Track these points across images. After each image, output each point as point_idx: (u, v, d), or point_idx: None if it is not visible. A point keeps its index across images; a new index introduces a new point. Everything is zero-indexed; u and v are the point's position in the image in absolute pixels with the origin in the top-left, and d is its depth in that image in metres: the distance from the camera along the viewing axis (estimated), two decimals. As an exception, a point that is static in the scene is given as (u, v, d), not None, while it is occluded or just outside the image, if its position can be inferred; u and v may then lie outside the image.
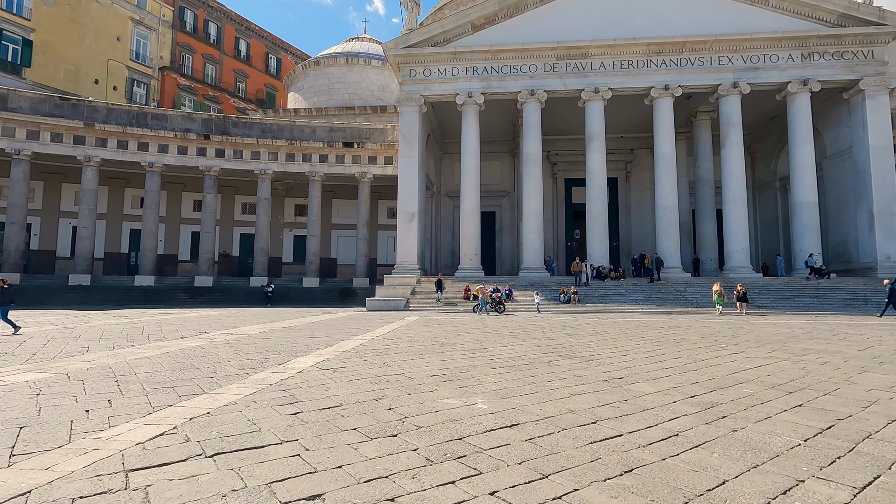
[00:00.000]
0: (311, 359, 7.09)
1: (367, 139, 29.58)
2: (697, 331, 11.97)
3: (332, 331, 11.48)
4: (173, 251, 32.52)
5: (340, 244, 35.21)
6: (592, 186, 24.89)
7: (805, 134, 23.69)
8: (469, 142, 25.92)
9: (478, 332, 11.52)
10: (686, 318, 16.30)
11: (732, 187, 23.85)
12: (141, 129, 26.89)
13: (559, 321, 15.11)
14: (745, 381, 5.73)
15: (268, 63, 52.98)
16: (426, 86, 26.13)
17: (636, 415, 4.11)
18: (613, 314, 18.49)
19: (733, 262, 23.25)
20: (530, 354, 7.74)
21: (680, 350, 8.44)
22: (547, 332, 11.36)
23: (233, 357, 7.22)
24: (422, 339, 9.88)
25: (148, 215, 27.36)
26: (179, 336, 9.95)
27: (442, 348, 8.39)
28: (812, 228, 23.00)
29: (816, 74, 23.58)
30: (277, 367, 6.41)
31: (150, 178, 27.33)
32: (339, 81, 37.06)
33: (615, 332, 11.38)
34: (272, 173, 29.07)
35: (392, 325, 13.20)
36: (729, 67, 24.18)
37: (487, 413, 4.14)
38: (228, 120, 28.68)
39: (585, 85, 25.01)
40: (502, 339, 9.82)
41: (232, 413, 4.05)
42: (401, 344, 8.94)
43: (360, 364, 6.67)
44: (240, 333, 10.63)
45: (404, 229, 25.39)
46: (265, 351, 7.86)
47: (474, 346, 8.79)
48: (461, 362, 6.90)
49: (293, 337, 9.99)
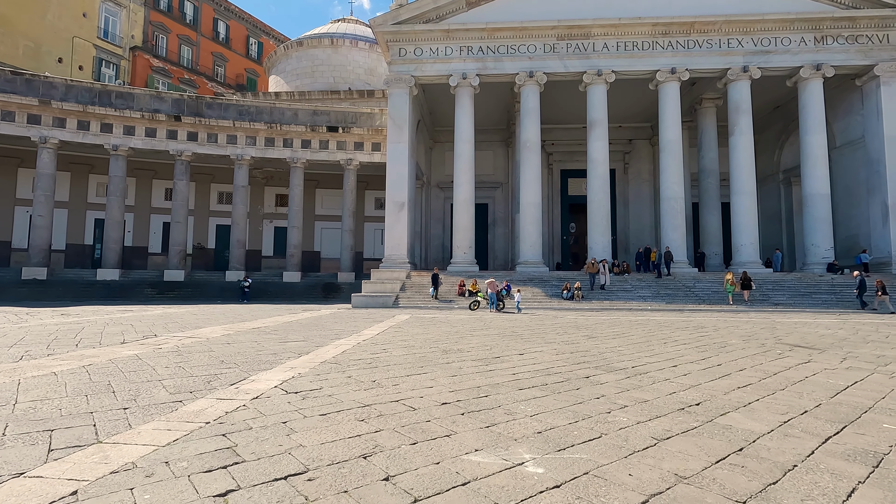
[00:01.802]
0: (277, 375, 5.36)
1: (354, 123, 27.68)
2: (730, 331, 10.53)
3: (310, 333, 9.74)
4: (143, 243, 30.26)
5: (324, 237, 33.29)
6: (594, 176, 23.41)
7: (817, 122, 22.51)
8: (463, 126, 24.22)
9: (482, 333, 9.90)
10: (706, 317, 14.91)
11: (741, 177, 22.60)
12: (104, 109, 24.57)
13: (568, 320, 13.58)
14: (865, 407, 4.19)
15: (248, 47, 50.41)
16: (417, 66, 24.33)
17: (784, 483, 2.52)
18: (622, 312, 17.05)
19: (742, 256, 22.02)
20: (559, 366, 6.13)
21: (734, 358, 6.91)
22: (562, 334, 9.79)
23: (172, 373, 5.46)
24: (418, 343, 8.21)
25: (112, 203, 25.10)
26: (119, 341, 8.12)
27: (445, 357, 6.74)
28: (824, 221, 21.88)
29: (830, 59, 22.40)
30: (227, 389, 4.68)
31: (114, 162, 25.04)
32: (324, 64, 34.95)
33: (640, 334, 9.86)
34: (250, 159, 26.99)
35: (381, 326, 11.50)
36: (739, 50, 22.87)
37: (548, 486, 2.50)
38: (202, 101, 26.50)
39: (588, 67, 23.48)
40: (515, 344, 8.20)
41: (111, 496, 2.33)
42: (394, 351, 7.26)
43: (341, 383, 4.98)
44: (197, 337, 8.83)
45: (393, 220, 23.63)
46: (219, 363, 6.11)
47: (484, 352, 7.16)
48: (476, 379, 5.25)
49: (262, 341, 8.23)
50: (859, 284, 16.88)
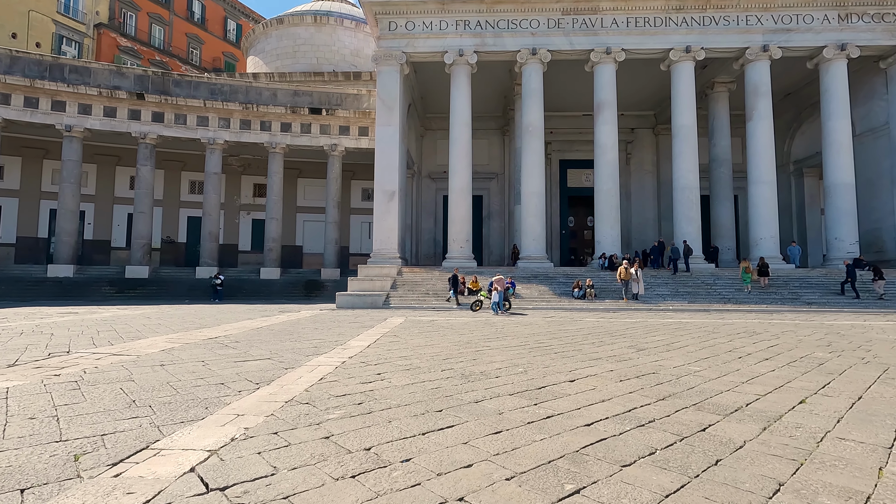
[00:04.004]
0: (207, 434, 3.21)
1: (339, 105, 25.34)
2: (798, 340, 8.65)
3: (281, 345, 7.57)
4: (105, 236, 27.52)
5: (307, 230, 30.91)
6: (602, 163, 21.52)
7: (841, 106, 20.95)
8: (459, 108, 22.11)
9: (499, 343, 7.84)
10: (743, 319, 13.07)
11: (760, 166, 20.93)
12: (55, 84, 21.81)
13: (591, 324, 11.60)
14: None
15: (226, 28, 47.42)
16: (409, 42, 22.11)
17: None
18: (642, 312, 15.17)
19: (762, 250, 20.34)
20: (641, 404, 4.05)
21: (862, 383, 4.94)
22: (599, 345, 7.76)
23: (35, 430, 3.27)
24: (425, 362, 6.10)
25: (66, 191, 22.38)
26: (7, 363, 5.85)
27: (468, 387, 4.64)
28: (849, 213, 20.35)
29: (854, 38, 20.83)
30: (99, 478, 2.51)
31: (67, 144, 22.31)
32: (307, 44, 32.42)
33: (694, 344, 7.89)
34: (223, 143, 24.47)
35: (372, 333, 9.37)
36: (758, 28, 21.15)
37: None
38: (168, 77, 23.85)
39: (595, 44, 21.54)
40: (551, 361, 6.13)
41: None
42: (393, 377, 5.14)
43: (311, 457, 2.83)
44: (125, 354, 6.58)
45: (382, 210, 21.43)
46: (125, 407, 3.91)
47: (519, 377, 5.07)
48: (533, 436, 3.15)
49: (212, 361, 6.05)
50: (848, 271, 16.83)
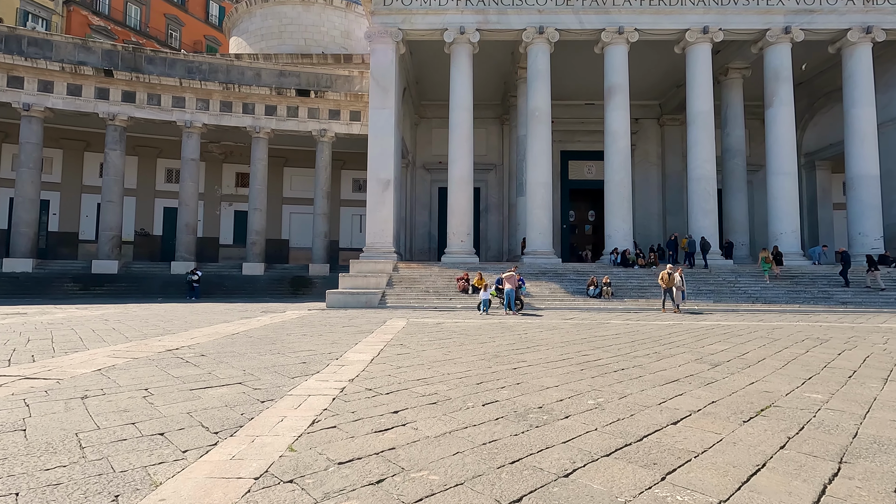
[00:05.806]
0: None
1: (329, 87, 23.47)
2: (871, 343, 7.23)
3: (259, 360, 5.87)
4: (72, 228, 25.30)
5: (294, 223, 29.01)
6: (613, 150, 20.06)
7: (866, 93, 19.74)
8: (460, 92, 20.45)
9: (535, 357, 6.21)
10: (785, 321, 11.67)
11: (781, 155, 19.66)
12: (12, 58, 19.59)
13: (624, 328, 10.08)
14: None
15: (208, 10, 44.93)
16: (405, 17, 20.35)
17: None
18: (669, 314, 13.73)
19: (782, 246, 19.08)
20: (817, 465, 2.44)
21: None
22: (657, 358, 6.17)
23: None
24: (455, 392, 4.43)
25: (23, 177, 20.20)
26: None
27: (536, 439, 2.98)
28: (874, 207, 19.19)
29: (880, 21, 19.63)
30: None
31: (26, 125, 20.12)
32: (293, 24, 30.38)
33: (766, 356, 6.37)
34: (201, 126, 22.44)
35: (373, 342, 7.70)
36: (779, 9, 19.82)
37: None
38: (141, 53, 21.71)
39: (607, 24, 20.03)
40: (621, 386, 4.49)
41: None
42: (419, 422, 3.47)
43: None
44: (46, 375, 4.82)
45: (377, 201, 19.71)
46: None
47: (599, 419, 3.41)
48: None
49: (158, 390, 4.33)
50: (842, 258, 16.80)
